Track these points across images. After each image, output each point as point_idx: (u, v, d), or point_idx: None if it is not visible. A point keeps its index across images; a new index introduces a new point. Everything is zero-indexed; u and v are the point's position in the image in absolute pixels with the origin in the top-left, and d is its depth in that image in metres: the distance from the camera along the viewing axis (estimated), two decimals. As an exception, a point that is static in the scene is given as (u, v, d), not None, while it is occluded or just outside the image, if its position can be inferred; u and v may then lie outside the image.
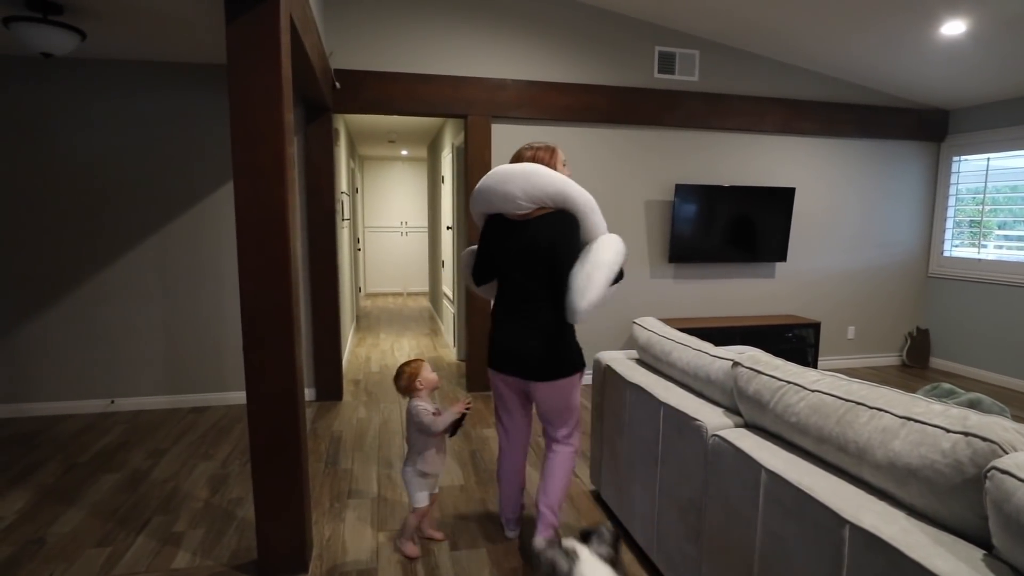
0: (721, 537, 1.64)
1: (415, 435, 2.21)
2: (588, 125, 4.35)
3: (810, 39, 4.14)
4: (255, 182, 1.93)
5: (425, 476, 2.23)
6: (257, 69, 1.89)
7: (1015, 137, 4.62)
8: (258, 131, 1.91)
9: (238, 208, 1.93)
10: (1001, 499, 0.99)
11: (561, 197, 2.01)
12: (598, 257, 1.97)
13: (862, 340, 5.27)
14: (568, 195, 2.00)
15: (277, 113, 1.92)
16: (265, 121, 1.91)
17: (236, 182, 1.92)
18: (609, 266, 1.96)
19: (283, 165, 1.94)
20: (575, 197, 2.01)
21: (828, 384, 1.46)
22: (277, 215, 1.95)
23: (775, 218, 4.70)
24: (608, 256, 1.98)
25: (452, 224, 5.42)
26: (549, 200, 2.01)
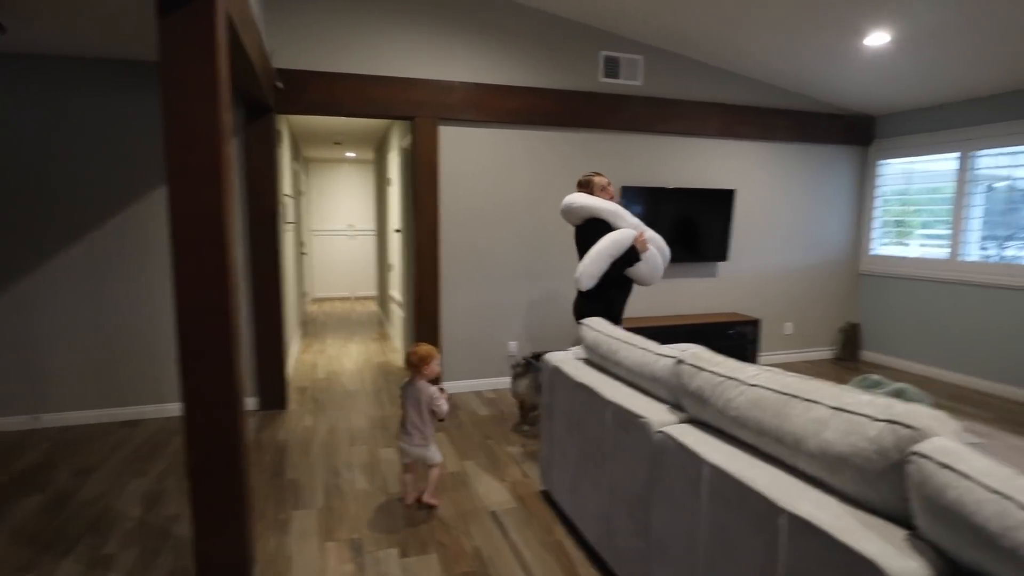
0: (668, 531, 1.68)
1: (424, 412, 2.64)
2: (535, 128, 4.38)
3: (748, 47, 4.30)
4: (191, 184, 1.85)
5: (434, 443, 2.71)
6: (192, 66, 1.81)
7: (935, 142, 4.92)
8: (193, 131, 1.84)
9: (172, 211, 1.84)
10: (921, 481, 1.04)
11: (586, 212, 3.14)
12: (595, 246, 3.04)
13: (798, 335, 5.50)
14: (593, 210, 3.12)
15: (214, 113, 1.85)
16: (201, 121, 1.84)
17: (170, 184, 1.84)
18: (598, 251, 3.01)
19: (220, 167, 1.87)
20: (599, 211, 3.11)
21: (766, 379, 1.52)
22: (214, 218, 1.88)
23: (716, 219, 4.86)
24: (601, 244, 3.02)
25: (400, 227, 5.36)
26: (581, 217, 3.17)
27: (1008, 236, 4.51)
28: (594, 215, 3.12)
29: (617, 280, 3.11)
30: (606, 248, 3.00)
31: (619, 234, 3.04)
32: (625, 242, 3.04)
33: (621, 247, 3.03)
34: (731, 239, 5.07)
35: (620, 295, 3.19)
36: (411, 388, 2.64)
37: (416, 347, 2.65)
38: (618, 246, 3.01)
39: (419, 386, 2.62)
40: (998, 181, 4.59)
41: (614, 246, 3.00)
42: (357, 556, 2.28)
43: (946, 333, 4.86)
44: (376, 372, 5.02)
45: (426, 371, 2.63)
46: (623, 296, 3.21)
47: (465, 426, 3.71)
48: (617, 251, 3.02)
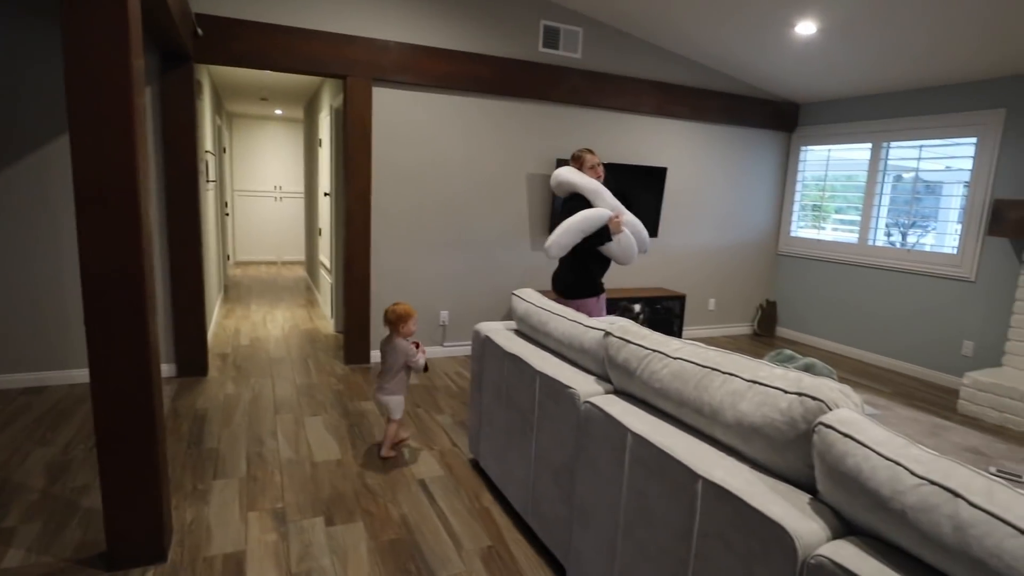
0: (591, 497, 1.74)
1: (399, 367, 2.80)
2: (472, 95, 4.30)
3: (684, 27, 4.36)
4: (96, 135, 1.70)
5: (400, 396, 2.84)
6: (98, 4, 1.65)
7: (851, 132, 5.20)
8: (100, 77, 1.68)
9: (76, 164, 1.69)
10: (824, 449, 1.12)
11: (568, 187, 3.25)
12: (567, 220, 3.13)
13: (721, 311, 5.76)
14: (574, 186, 3.23)
15: (122, 56, 1.69)
16: (108, 65, 1.68)
17: (73, 134, 1.68)
18: (568, 224, 3.11)
19: (131, 117, 1.72)
20: (580, 187, 3.22)
21: (688, 352, 1.58)
22: (124, 173, 1.74)
23: (649, 196, 4.97)
24: (573, 219, 3.12)
25: (330, 190, 5.17)
26: (565, 191, 3.29)
27: (911, 224, 4.86)
28: (575, 191, 3.24)
29: (594, 254, 3.25)
30: (577, 223, 3.12)
31: (592, 212, 3.15)
32: (597, 220, 3.15)
33: (592, 224, 3.14)
34: (662, 216, 5.21)
35: (598, 268, 3.32)
36: (388, 345, 2.81)
37: (394, 306, 2.83)
38: (589, 223, 3.13)
39: (396, 343, 2.79)
40: (905, 172, 4.92)
41: (585, 222, 3.13)
42: (280, 526, 2.24)
43: (853, 313, 5.23)
44: (303, 339, 4.88)
45: (403, 329, 2.80)
46: (601, 269, 3.33)
47: (395, 395, 3.68)
48: (588, 227, 3.14)
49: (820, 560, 1.02)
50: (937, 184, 4.73)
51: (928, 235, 4.77)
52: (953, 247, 4.52)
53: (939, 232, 4.69)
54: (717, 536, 1.26)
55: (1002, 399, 3.74)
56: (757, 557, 1.15)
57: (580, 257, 3.25)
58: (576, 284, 3.28)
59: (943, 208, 4.67)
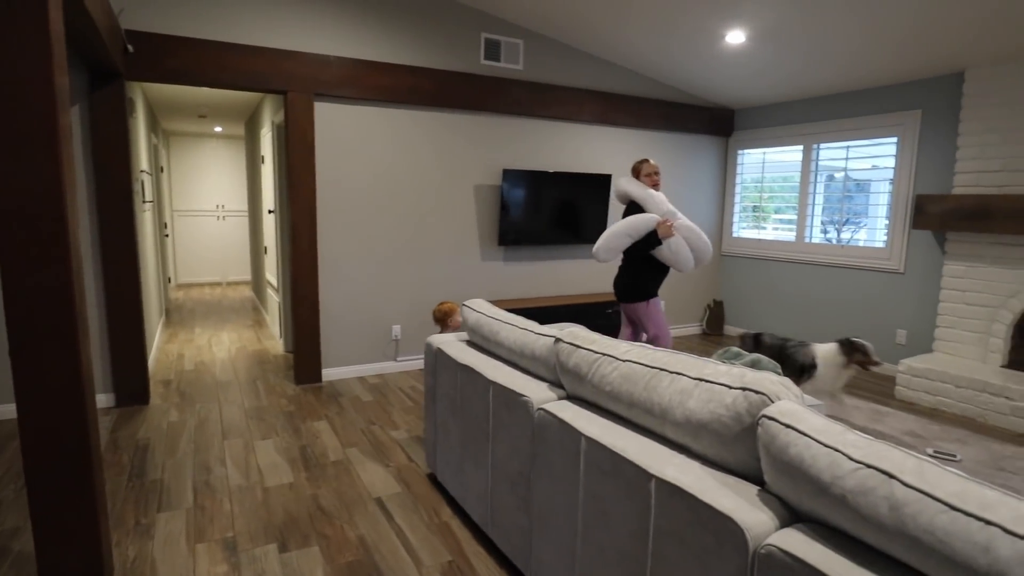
0: (549, 504, 1.74)
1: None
2: (415, 108, 4.29)
3: (622, 39, 4.47)
4: (18, 154, 1.61)
5: None
6: (18, 18, 1.57)
7: (784, 135, 5.43)
8: (21, 94, 1.60)
9: (-9, 184, 1.60)
10: (768, 441, 1.15)
11: (624, 196, 3.50)
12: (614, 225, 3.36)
13: (670, 312, 5.89)
14: (629, 194, 3.46)
15: (44, 73, 1.61)
16: (29, 83, 1.60)
17: (-13, 153, 1.59)
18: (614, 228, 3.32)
19: (55, 135, 1.64)
20: (633, 195, 3.44)
21: (636, 354, 1.60)
22: (49, 192, 1.65)
23: (595, 202, 5.05)
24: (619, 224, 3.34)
25: (275, 207, 5.05)
26: (624, 200, 3.54)
27: (844, 221, 5.10)
28: (631, 198, 3.45)
29: (647, 260, 3.42)
30: (622, 227, 3.30)
31: (639, 217, 3.31)
32: (643, 225, 3.29)
33: (638, 228, 3.29)
34: (609, 221, 5.30)
35: (651, 274, 3.46)
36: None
37: (440, 305, 3.26)
38: (635, 227, 3.29)
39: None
40: (836, 172, 5.16)
41: (630, 227, 3.29)
42: (231, 556, 2.15)
43: (795, 308, 5.43)
44: (251, 361, 4.72)
45: (450, 323, 3.21)
46: (654, 275, 3.48)
47: (347, 412, 3.61)
48: (634, 231, 3.29)
49: (770, 549, 1.05)
50: (866, 182, 4.98)
51: (860, 231, 5.01)
52: (883, 241, 4.76)
53: (870, 227, 4.93)
54: (672, 533, 1.27)
55: (934, 383, 3.94)
56: (711, 551, 1.18)
57: (633, 262, 3.45)
58: (628, 288, 3.48)
59: (872, 205, 4.91)
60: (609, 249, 3.32)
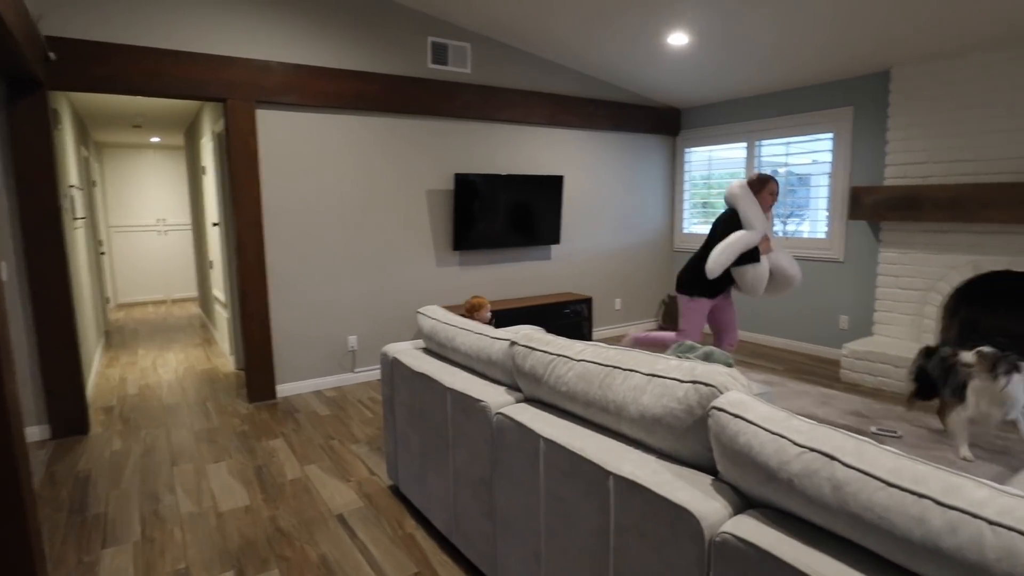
0: (511, 507, 1.73)
1: None
2: (364, 113, 4.23)
3: (568, 41, 4.52)
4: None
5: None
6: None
7: (728, 133, 5.59)
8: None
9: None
10: (719, 431, 1.18)
11: (731, 200, 3.51)
12: (727, 239, 3.39)
13: (627, 310, 5.98)
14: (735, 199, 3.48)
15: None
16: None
17: None
18: (729, 243, 3.36)
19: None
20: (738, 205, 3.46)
21: (591, 353, 1.61)
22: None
23: (548, 204, 5.08)
24: (732, 238, 3.37)
25: (219, 220, 4.90)
26: (729, 203, 3.55)
27: (789, 214, 5.28)
28: (734, 203, 3.50)
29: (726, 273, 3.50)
30: (738, 244, 3.37)
31: (749, 233, 3.40)
32: (752, 242, 3.39)
33: (749, 245, 3.39)
34: (562, 222, 5.35)
35: (718, 279, 3.52)
36: None
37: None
38: (748, 244, 3.39)
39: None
40: (779, 167, 5.34)
41: (743, 242, 3.38)
42: (184, 586, 2.07)
43: (745, 300, 5.59)
44: (200, 381, 4.56)
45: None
46: (719, 282, 3.54)
47: (305, 428, 3.52)
48: (745, 247, 3.39)
49: (724, 537, 1.07)
50: (807, 176, 5.17)
51: (804, 223, 5.20)
52: (824, 232, 4.95)
53: (812, 219, 5.13)
54: (632, 528, 1.29)
55: (876, 364, 4.12)
56: (669, 542, 1.19)
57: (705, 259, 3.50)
58: (684, 279, 3.62)
59: (813, 198, 5.11)
60: (722, 265, 3.37)
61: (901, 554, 0.89)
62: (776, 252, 3.53)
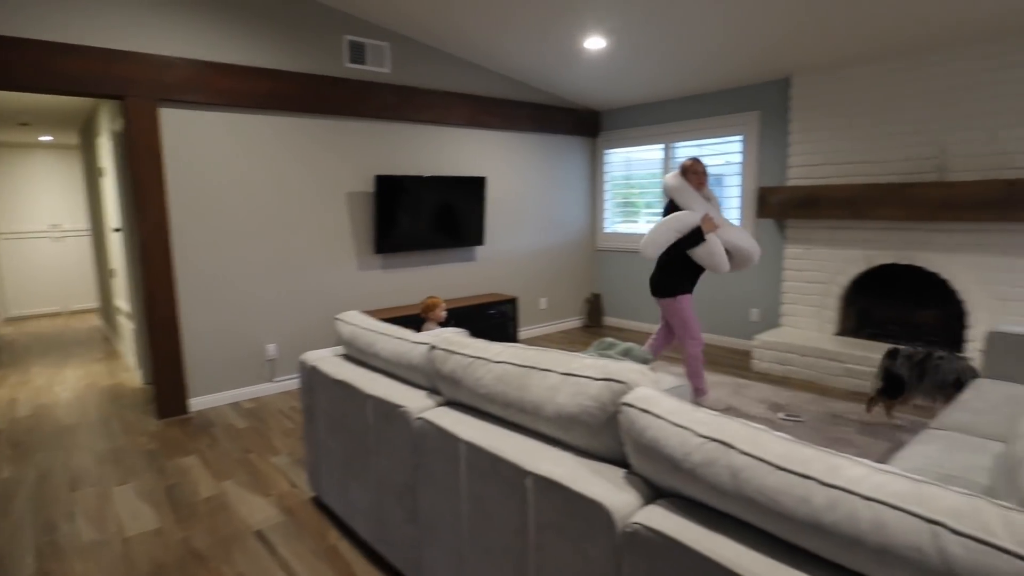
0: (435, 512, 1.73)
1: None
2: (279, 113, 4.08)
3: (487, 42, 4.54)
4: None
5: None
6: None
7: (645, 135, 5.79)
8: None
9: None
10: (629, 426, 1.22)
11: (666, 191, 3.54)
12: (661, 220, 3.43)
13: (552, 308, 6.08)
14: (668, 189, 3.51)
15: None
16: None
17: None
18: (660, 223, 3.39)
19: None
20: (671, 190, 3.48)
21: (509, 354, 1.63)
22: None
23: (471, 205, 5.09)
24: (665, 218, 3.40)
25: (121, 225, 4.59)
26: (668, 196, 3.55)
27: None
28: (671, 194, 3.51)
29: (682, 259, 3.45)
30: (671, 223, 3.36)
31: (686, 213, 3.38)
32: (689, 221, 3.36)
33: (685, 224, 3.35)
34: (486, 223, 5.36)
35: (683, 273, 3.49)
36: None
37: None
38: (682, 223, 3.36)
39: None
40: (690, 168, 5.58)
41: (678, 222, 3.35)
42: (84, 619, 1.93)
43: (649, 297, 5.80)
44: (103, 398, 4.25)
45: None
46: (686, 273, 3.50)
47: (220, 443, 3.36)
48: (681, 227, 3.35)
49: (635, 528, 1.11)
50: (721, 176, 5.43)
51: (714, 221, 5.46)
52: (734, 230, 5.22)
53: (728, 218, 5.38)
54: (550, 525, 1.31)
55: (783, 354, 4.39)
56: (585, 536, 1.23)
57: (669, 259, 3.47)
58: (658, 283, 3.55)
59: (727, 197, 5.36)
60: (656, 244, 3.36)
61: (790, 532, 0.95)
62: (725, 229, 3.47)
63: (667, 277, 3.52)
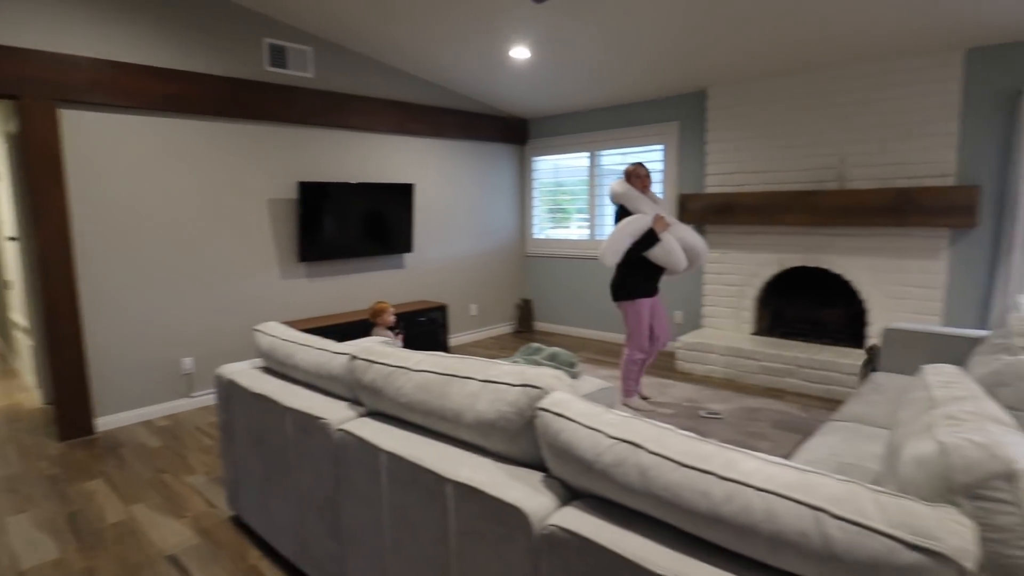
0: (357, 524, 1.69)
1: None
2: (194, 117, 3.90)
3: (412, 49, 4.52)
4: None
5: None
6: None
7: (572, 143, 5.92)
8: None
9: None
10: (544, 430, 1.25)
11: (614, 197, 3.61)
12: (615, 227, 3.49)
13: (483, 315, 6.09)
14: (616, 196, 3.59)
15: None
16: None
17: None
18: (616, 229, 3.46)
19: None
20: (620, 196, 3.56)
21: (430, 363, 1.63)
22: None
23: (399, 212, 5.04)
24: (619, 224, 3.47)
25: (17, 234, 4.25)
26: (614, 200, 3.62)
27: (625, 219, 5.70)
28: (619, 200, 3.57)
29: (640, 261, 3.51)
30: (624, 228, 3.43)
31: (637, 217, 3.45)
32: (642, 224, 3.44)
33: (638, 228, 3.43)
34: (414, 230, 5.32)
35: (641, 275, 3.55)
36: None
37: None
38: (635, 227, 3.43)
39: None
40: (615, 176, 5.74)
41: (630, 226, 3.43)
42: (-30, 664, 1.77)
43: (593, 300, 5.94)
44: (-2, 421, 3.92)
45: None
46: (645, 276, 3.57)
47: (131, 464, 3.16)
48: (635, 231, 3.42)
49: (551, 529, 1.14)
50: (642, 184, 5.61)
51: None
52: (657, 236, 5.41)
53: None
54: (471, 531, 1.32)
55: (704, 354, 4.58)
56: (504, 540, 1.24)
57: (627, 263, 3.52)
58: (616, 287, 3.61)
59: (647, 204, 5.55)
60: (615, 251, 3.41)
61: (693, 525, 1.00)
62: (677, 227, 3.57)
63: (624, 280, 3.59)
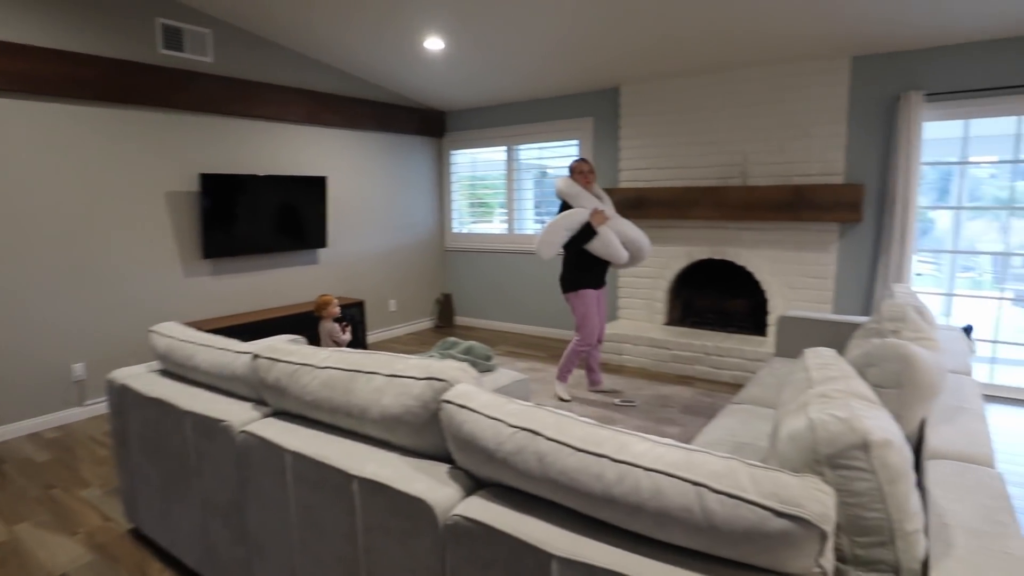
0: (264, 528, 1.64)
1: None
2: (78, 102, 3.60)
3: (323, 36, 4.38)
4: None
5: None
6: None
7: (489, 137, 5.93)
8: None
9: None
10: (448, 422, 1.26)
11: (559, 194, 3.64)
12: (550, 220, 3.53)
13: (403, 310, 6.02)
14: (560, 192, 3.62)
15: None
16: None
17: None
18: (550, 222, 3.50)
19: None
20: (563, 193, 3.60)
21: (335, 360, 1.60)
22: None
23: (312, 206, 4.88)
24: (554, 218, 3.52)
25: None
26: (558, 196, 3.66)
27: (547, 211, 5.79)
28: (562, 196, 3.61)
29: (583, 254, 3.56)
30: (559, 222, 3.47)
31: (573, 211, 3.48)
32: (577, 218, 3.47)
33: (573, 221, 3.46)
34: (328, 225, 5.17)
35: (586, 267, 3.61)
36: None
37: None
38: (570, 220, 3.47)
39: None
40: (534, 170, 5.82)
41: (566, 220, 3.47)
42: None
43: (512, 294, 6.00)
44: None
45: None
46: (589, 268, 3.61)
47: (14, 481, 2.91)
48: (570, 225, 3.46)
49: (455, 519, 1.15)
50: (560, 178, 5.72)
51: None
52: (574, 229, 5.53)
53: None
54: (378, 527, 1.31)
55: (620, 344, 4.75)
56: (410, 533, 1.24)
57: (570, 256, 3.61)
58: (562, 279, 3.70)
59: (564, 198, 5.66)
60: (549, 244, 3.44)
61: (589, 507, 1.04)
62: (616, 221, 3.61)
63: (568, 273, 3.69)
